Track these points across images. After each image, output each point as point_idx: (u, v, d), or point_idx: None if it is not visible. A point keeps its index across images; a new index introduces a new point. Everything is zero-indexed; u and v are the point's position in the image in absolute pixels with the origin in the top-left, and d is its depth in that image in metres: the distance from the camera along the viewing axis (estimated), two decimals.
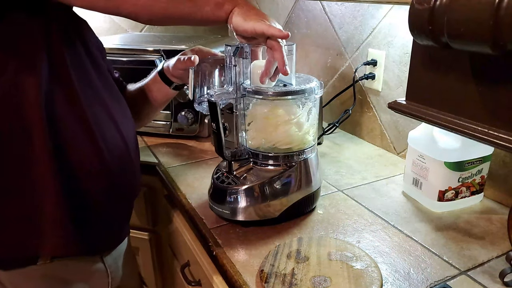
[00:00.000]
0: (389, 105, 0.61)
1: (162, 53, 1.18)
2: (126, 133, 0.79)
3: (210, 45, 1.29)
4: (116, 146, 0.76)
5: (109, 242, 0.81)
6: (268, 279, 0.63)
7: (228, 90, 0.77)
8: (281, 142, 0.79)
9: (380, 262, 0.69)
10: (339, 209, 0.86)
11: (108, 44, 1.25)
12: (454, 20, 0.43)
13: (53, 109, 0.67)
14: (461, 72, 0.50)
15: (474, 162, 0.82)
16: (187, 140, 1.25)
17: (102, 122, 0.74)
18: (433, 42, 0.47)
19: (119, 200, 0.79)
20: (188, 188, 0.95)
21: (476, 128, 0.50)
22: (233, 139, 0.83)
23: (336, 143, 1.22)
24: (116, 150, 0.76)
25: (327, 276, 0.63)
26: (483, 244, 0.74)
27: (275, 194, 0.79)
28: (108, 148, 0.74)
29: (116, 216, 0.81)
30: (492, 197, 0.89)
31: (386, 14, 1.08)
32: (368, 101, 1.20)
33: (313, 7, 1.35)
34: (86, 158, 0.71)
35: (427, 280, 0.65)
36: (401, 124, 1.10)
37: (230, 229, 0.79)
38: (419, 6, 0.46)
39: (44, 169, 0.66)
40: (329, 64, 1.34)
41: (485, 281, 0.65)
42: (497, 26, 0.38)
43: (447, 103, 0.53)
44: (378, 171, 1.04)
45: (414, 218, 0.83)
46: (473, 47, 0.43)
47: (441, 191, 0.83)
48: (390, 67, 1.10)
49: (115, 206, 0.79)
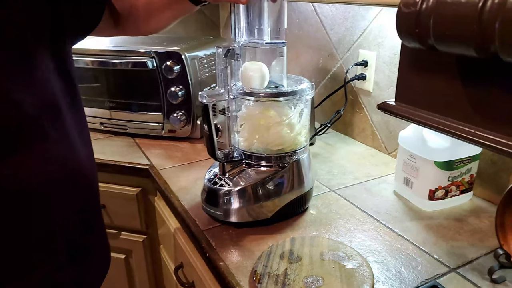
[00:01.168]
0: (378, 106, 0.62)
1: (153, 54, 1.18)
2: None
3: (202, 47, 1.30)
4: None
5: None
6: (261, 279, 0.63)
7: (220, 92, 0.78)
8: (273, 143, 0.79)
9: (371, 261, 0.70)
10: (331, 209, 0.87)
11: (99, 46, 1.26)
12: (440, 23, 0.43)
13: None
14: (448, 73, 0.51)
15: (463, 161, 0.83)
16: (179, 141, 1.25)
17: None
18: (420, 45, 0.48)
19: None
20: (180, 190, 0.95)
21: (463, 128, 0.51)
22: (226, 140, 0.84)
23: (328, 144, 1.23)
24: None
25: (320, 276, 0.64)
26: (472, 241, 0.75)
27: (267, 195, 0.79)
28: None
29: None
30: (481, 195, 0.91)
31: (376, 15, 1.09)
32: (360, 102, 1.21)
33: (305, 9, 1.36)
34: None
35: (418, 278, 0.66)
36: (392, 124, 1.11)
37: (223, 230, 0.79)
38: (405, 9, 0.47)
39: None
40: (321, 65, 1.35)
41: (474, 278, 0.66)
42: (480, 29, 0.39)
43: (435, 104, 0.54)
44: (370, 171, 1.05)
45: (405, 217, 0.84)
46: (458, 50, 0.43)
47: (431, 190, 0.84)
48: (380, 68, 1.11)
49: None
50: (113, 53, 1.23)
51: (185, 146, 1.22)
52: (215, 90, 0.79)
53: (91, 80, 1.29)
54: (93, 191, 0.70)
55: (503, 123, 0.47)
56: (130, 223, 1.19)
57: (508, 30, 0.38)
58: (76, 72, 0.67)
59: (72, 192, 0.63)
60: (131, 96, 1.27)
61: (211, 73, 1.30)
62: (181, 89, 1.19)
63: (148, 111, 1.25)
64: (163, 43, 1.29)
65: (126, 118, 1.28)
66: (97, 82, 1.29)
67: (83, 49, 1.25)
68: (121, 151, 1.19)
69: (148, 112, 1.25)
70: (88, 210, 0.69)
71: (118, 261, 1.26)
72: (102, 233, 0.74)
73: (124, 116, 1.28)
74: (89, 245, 0.69)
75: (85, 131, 0.69)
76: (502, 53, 0.39)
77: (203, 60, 1.26)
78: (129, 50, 1.22)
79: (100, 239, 0.73)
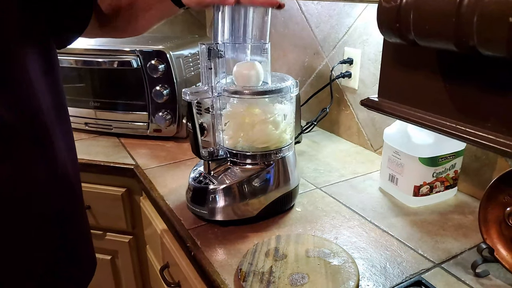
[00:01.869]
0: (361, 102, 0.62)
1: (138, 53, 1.17)
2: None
3: (187, 45, 1.29)
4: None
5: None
6: (246, 277, 0.63)
7: (204, 89, 0.77)
8: (258, 140, 0.79)
9: (357, 257, 0.70)
10: (317, 206, 0.87)
11: (83, 45, 1.24)
12: (420, 17, 0.44)
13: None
14: (429, 69, 0.51)
15: (448, 157, 0.84)
16: (165, 141, 1.24)
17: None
18: (400, 40, 0.48)
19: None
20: (166, 190, 0.94)
21: (445, 123, 0.52)
22: (211, 139, 0.83)
23: (314, 141, 1.23)
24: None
25: (305, 273, 0.64)
26: (456, 236, 0.76)
27: (253, 192, 0.79)
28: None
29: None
30: (465, 191, 0.91)
31: (361, 13, 1.09)
32: (345, 99, 1.22)
33: (290, 7, 1.36)
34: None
35: (403, 274, 0.66)
36: (378, 121, 1.12)
37: (208, 229, 0.79)
38: (386, 4, 0.47)
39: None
40: (307, 63, 1.35)
41: (458, 272, 0.66)
42: (459, 23, 0.39)
43: (417, 100, 0.54)
44: (356, 168, 1.05)
45: (391, 213, 0.84)
46: (438, 44, 0.44)
47: (416, 187, 0.85)
48: (365, 65, 1.12)
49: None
50: (98, 52, 1.21)
51: (170, 146, 1.21)
52: (199, 87, 0.79)
53: (75, 79, 1.28)
54: (77, 195, 0.69)
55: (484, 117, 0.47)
56: (116, 223, 1.18)
57: (486, 24, 0.38)
58: (61, 73, 0.66)
59: (56, 198, 0.62)
60: (116, 96, 1.26)
61: (197, 72, 1.29)
62: (166, 88, 1.18)
63: (133, 111, 1.24)
64: (148, 42, 1.28)
65: (111, 118, 1.27)
66: (82, 81, 1.27)
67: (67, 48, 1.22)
68: (106, 151, 1.18)
69: (133, 112, 1.24)
70: (72, 215, 0.68)
71: (104, 262, 1.25)
72: (86, 238, 0.73)
73: (109, 116, 1.27)
74: (74, 251, 0.68)
75: (70, 134, 0.68)
76: (480, 47, 0.40)
77: (188, 59, 1.25)
78: (113, 49, 1.20)
79: (85, 244, 0.72)
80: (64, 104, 0.66)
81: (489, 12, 0.37)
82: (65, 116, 0.67)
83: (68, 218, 0.66)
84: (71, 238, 0.68)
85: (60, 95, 0.65)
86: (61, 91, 0.65)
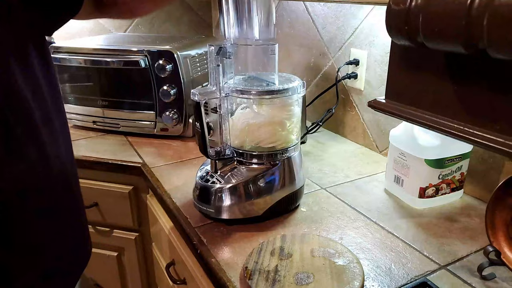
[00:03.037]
0: (369, 104, 0.62)
1: (146, 53, 1.18)
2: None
3: (194, 46, 1.29)
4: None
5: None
6: (252, 275, 0.63)
7: (212, 90, 0.78)
8: (265, 141, 0.80)
9: (362, 258, 0.70)
10: (322, 206, 0.87)
11: (91, 45, 1.25)
12: (429, 20, 0.44)
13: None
14: (437, 71, 0.51)
15: (454, 159, 0.84)
16: (171, 140, 1.25)
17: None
18: (409, 42, 0.48)
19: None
20: (172, 188, 0.95)
21: (452, 125, 0.52)
22: (218, 138, 0.84)
23: (319, 142, 1.24)
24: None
25: (310, 272, 0.64)
26: (462, 239, 0.76)
27: (259, 192, 0.79)
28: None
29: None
30: (471, 193, 0.91)
31: (367, 14, 1.10)
32: (351, 100, 1.22)
33: (296, 8, 1.37)
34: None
35: (408, 275, 0.66)
36: (383, 122, 1.12)
37: (214, 227, 0.79)
38: (395, 7, 0.48)
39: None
40: (312, 63, 1.35)
41: (464, 275, 0.67)
42: (469, 25, 0.40)
43: (424, 101, 0.55)
44: (361, 169, 1.05)
45: (396, 214, 0.84)
46: (447, 47, 0.44)
47: (422, 188, 0.85)
48: (372, 66, 1.12)
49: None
50: (106, 52, 1.22)
51: (177, 145, 1.22)
52: (207, 88, 0.79)
53: (83, 79, 1.29)
54: (74, 191, 0.69)
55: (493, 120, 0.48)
56: (123, 220, 1.19)
57: (496, 26, 0.38)
58: (67, 71, 0.65)
59: (53, 195, 0.62)
60: (123, 95, 1.27)
61: (203, 72, 1.30)
62: (173, 88, 1.18)
63: (140, 110, 1.25)
64: (155, 42, 1.29)
65: (119, 116, 1.28)
66: (90, 81, 1.28)
67: (76, 48, 1.24)
68: (114, 149, 1.19)
69: (141, 111, 1.25)
70: (69, 210, 0.67)
71: (110, 259, 1.26)
72: (82, 233, 0.72)
73: (116, 114, 1.28)
74: (69, 247, 0.68)
75: (66, 129, 0.67)
76: (490, 49, 0.40)
77: (195, 59, 1.26)
78: (121, 49, 1.21)
79: (83, 240, 0.71)
80: (60, 97, 0.65)
81: (500, 14, 0.37)
82: (62, 107, 0.66)
83: (65, 211, 0.66)
84: (67, 232, 0.67)
85: (56, 87, 0.63)
86: (57, 83, 0.63)
